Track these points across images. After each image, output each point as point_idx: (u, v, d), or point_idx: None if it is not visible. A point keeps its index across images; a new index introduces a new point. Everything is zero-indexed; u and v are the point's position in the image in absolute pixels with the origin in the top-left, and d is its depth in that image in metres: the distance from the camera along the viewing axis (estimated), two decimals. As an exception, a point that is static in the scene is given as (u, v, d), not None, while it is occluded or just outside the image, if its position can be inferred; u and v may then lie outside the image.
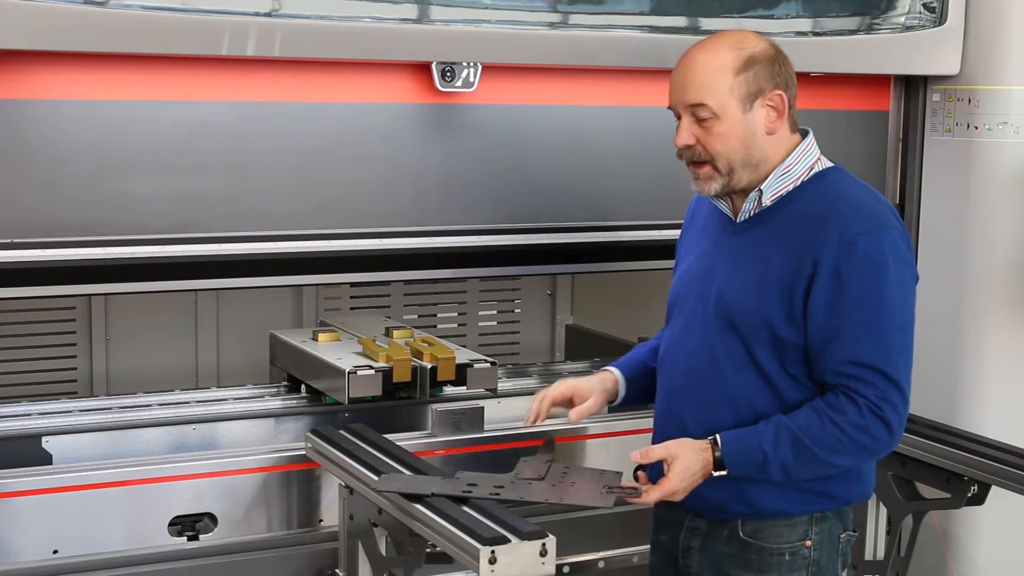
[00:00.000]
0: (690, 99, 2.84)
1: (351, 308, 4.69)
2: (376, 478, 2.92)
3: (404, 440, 3.37)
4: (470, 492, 2.78)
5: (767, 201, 2.88)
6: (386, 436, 3.29)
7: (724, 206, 2.96)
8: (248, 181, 3.38)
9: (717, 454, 2.80)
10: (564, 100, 3.70)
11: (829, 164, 2.93)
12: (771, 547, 2.90)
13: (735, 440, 2.81)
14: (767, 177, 2.86)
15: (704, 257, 2.99)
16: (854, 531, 3.00)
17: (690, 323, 2.96)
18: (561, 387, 3.10)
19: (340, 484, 3.11)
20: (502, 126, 3.64)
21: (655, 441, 2.99)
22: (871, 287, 2.74)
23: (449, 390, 3.75)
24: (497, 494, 2.78)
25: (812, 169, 2.89)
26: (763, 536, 2.90)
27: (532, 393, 3.85)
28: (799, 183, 2.87)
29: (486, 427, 3.51)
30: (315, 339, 3.92)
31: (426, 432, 3.50)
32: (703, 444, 2.82)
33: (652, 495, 2.80)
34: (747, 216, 2.91)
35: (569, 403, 3.09)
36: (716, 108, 2.81)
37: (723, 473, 2.80)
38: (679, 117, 2.88)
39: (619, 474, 2.93)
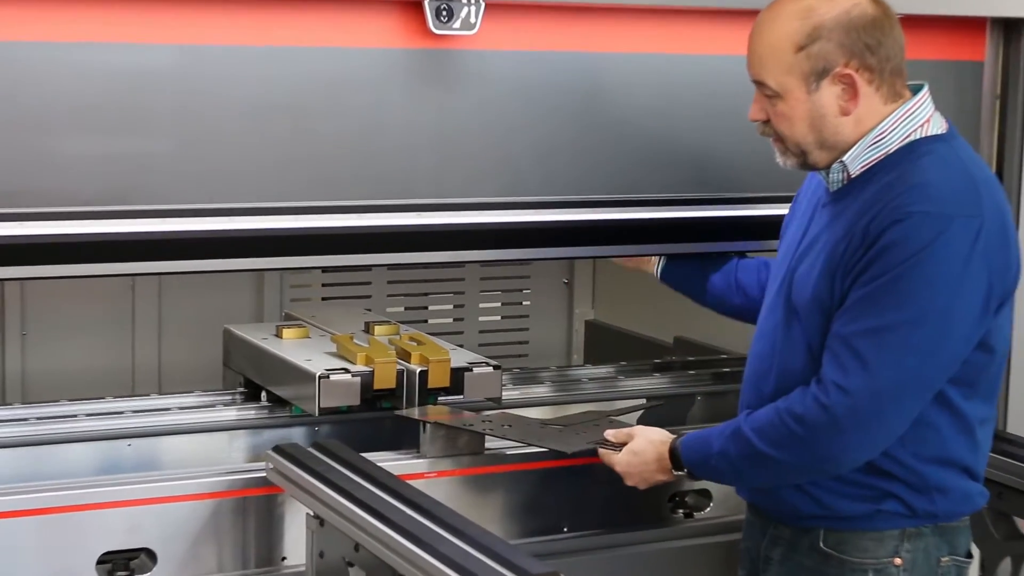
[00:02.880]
0: (753, 74, 2.88)
1: (323, 298, 4.65)
2: (351, 506, 2.82)
3: (386, 461, 3.22)
4: (471, 424, 3.18)
5: (854, 172, 2.87)
6: (364, 456, 3.17)
7: (822, 174, 2.95)
8: (200, 142, 3.18)
9: (676, 446, 2.98)
10: (583, 46, 3.48)
11: (938, 131, 2.87)
12: (853, 560, 2.88)
13: (694, 437, 2.98)
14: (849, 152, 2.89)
15: (798, 231, 3.01)
16: (968, 556, 2.96)
17: (770, 304, 3.01)
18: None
19: (308, 514, 2.98)
20: (509, 77, 3.41)
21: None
22: (896, 268, 2.71)
23: (443, 400, 3.56)
24: (503, 435, 3.20)
25: (908, 138, 2.84)
26: (846, 549, 2.89)
27: (543, 404, 3.92)
28: (892, 153, 2.84)
29: (487, 446, 3.34)
30: (279, 336, 3.81)
31: (413, 452, 3.34)
32: (664, 438, 3.02)
33: (612, 458, 3.09)
34: (837, 187, 2.91)
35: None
36: (776, 87, 2.84)
37: (681, 474, 2.98)
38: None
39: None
